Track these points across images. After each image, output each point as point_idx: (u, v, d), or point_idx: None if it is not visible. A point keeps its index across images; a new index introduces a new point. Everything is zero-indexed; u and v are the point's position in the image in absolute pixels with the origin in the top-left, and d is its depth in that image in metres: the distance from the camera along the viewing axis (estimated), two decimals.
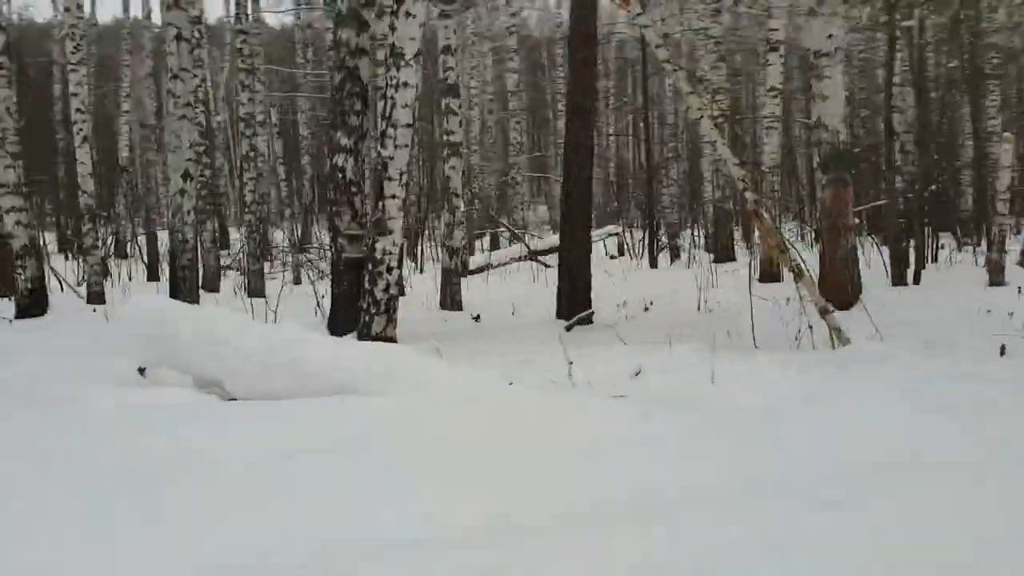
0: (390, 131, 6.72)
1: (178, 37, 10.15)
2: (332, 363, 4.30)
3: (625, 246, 23.27)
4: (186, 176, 10.25)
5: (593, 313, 8.19)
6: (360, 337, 7.02)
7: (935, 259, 16.08)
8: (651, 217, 19.48)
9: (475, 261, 18.78)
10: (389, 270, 6.93)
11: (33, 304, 10.41)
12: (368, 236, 6.96)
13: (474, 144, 26.45)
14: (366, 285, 6.96)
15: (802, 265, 6.47)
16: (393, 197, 6.82)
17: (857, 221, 9.97)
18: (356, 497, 2.80)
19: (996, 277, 11.15)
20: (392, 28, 6.56)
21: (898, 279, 11.93)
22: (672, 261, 19.90)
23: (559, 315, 8.48)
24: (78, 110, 12.01)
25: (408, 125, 6.75)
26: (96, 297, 11.96)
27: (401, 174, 6.81)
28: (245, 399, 4.47)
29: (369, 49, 6.96)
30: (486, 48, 28.88)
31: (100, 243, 18.00)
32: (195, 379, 4.77)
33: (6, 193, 10.27)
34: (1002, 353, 5.57)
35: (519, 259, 19.20)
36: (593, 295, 10.42)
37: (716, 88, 18.48)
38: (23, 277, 10.39)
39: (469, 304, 11.08)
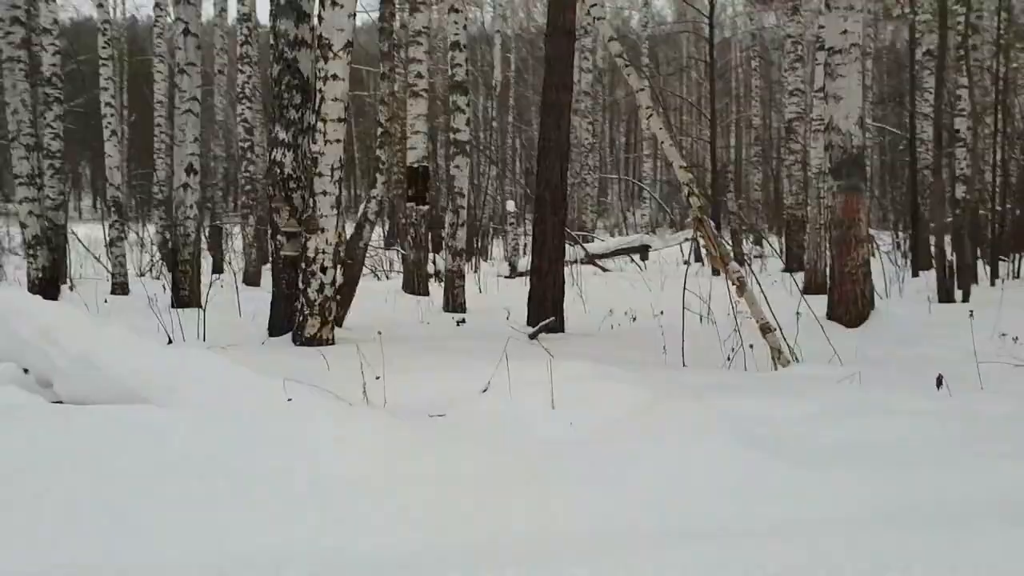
0: (320, 125, 6.47)
1: (185, 32, 10.19)
2: (145, 370, 4.07)
3: (703, 252, 22.64)
4: (190, 170, 10.29)
5: (553, 321, 7.74)
6: (295, 339, 6.81)
7: (1017, 274, 14.94)
8: (716, 222, 18.71)
9: (524, 264, 18.45)
10: (323, 270, 6.69)
11: (43, 293, 10.61)
12: (301, 235, 6.74)
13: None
14: (300, 285, 6.74)
15: (745, 278, 5.93)
16: (324, 194, 6.57)
17: (872, 233, 9.21)
18: None
19: None
20: (320, 18, 6.32)
21: (945, 296, 11.04)
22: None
23: (529, 322, 8.08)
24: (107, 104, 12.23)
25: (339, 120, 6.50)
26: (120, 288, 12.17)
27: (333, 170, 6.56)
28: (69, 402, 4.28)
29: (309, 40, 6.71)
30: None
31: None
32: (37, 378, 4.62)
33: (20, 184, 10.51)
34: (938, 385, 4.92)
35: (574, 262, 18.76)
36: (598, 303, 9.98)
37: (792, 90, 17.64)
38: (34, 266, 10.61)
39: (476, 307, 10.78)
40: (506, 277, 18.02)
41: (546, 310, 7.97)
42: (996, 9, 14.54)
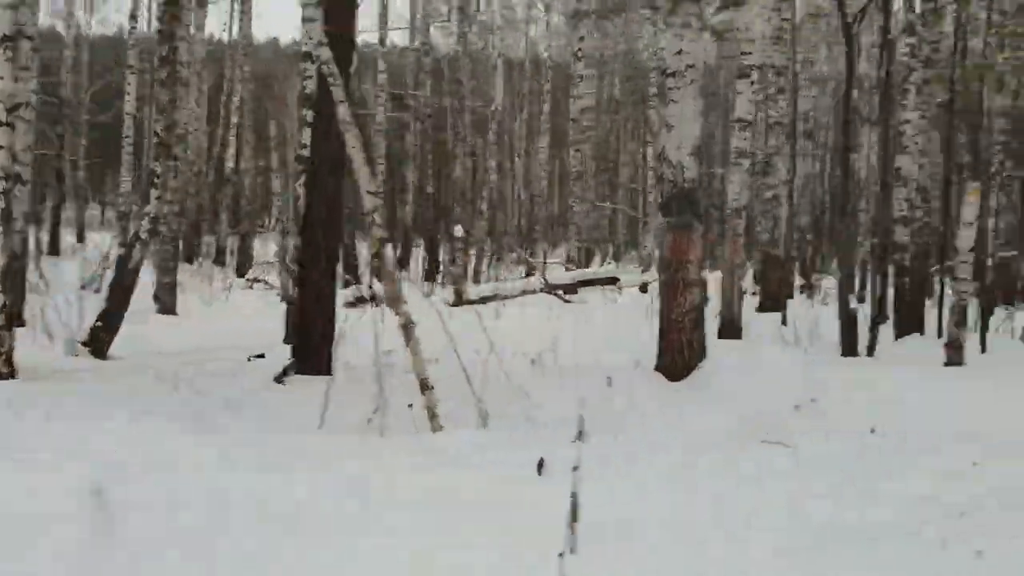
0: None
1: None
2: None
3: None
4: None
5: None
6: None
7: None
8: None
9: (478, 291, 17.45)
10: None
11: None
12: None
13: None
14: None
15: (412, 326, 5.07)
16: None
17: (705, 275, 8.17)
18: None
19: (954, 356, 8.97)
20: None
21: (848, 349, 9.87)
22: None
23: (294, 358, 7.18)
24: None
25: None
26: None
27: None
28: None
29: None
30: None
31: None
32: None
33: None
34: (539, 469, 3.96)
35: (532, 292, 17.75)
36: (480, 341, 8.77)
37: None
38: None
39: None
40: (451, 305, 16.94)
41: (312, 345, 7.09)
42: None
